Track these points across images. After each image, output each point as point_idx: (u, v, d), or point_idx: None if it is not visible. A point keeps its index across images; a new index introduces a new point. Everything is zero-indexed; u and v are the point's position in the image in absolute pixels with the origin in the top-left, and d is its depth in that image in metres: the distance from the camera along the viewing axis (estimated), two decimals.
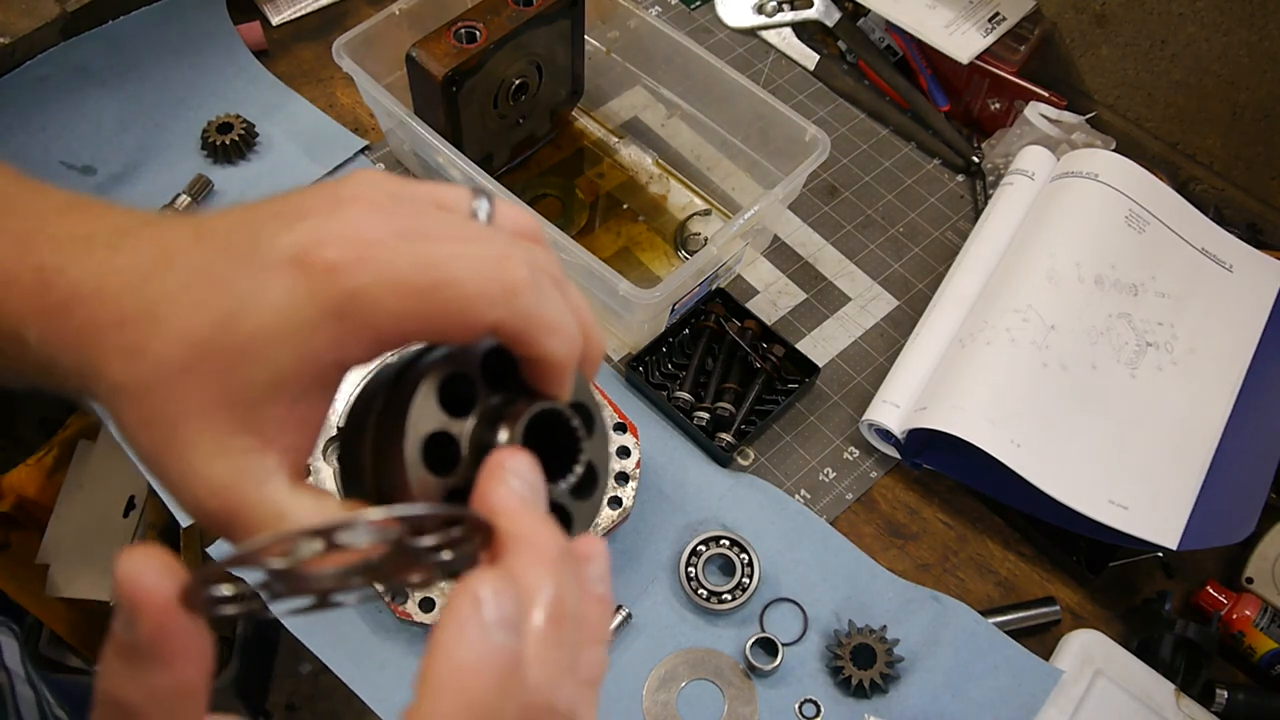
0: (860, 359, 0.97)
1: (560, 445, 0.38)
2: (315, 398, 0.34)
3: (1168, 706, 0.77)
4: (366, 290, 0.32)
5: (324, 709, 1.62)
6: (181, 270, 0.33)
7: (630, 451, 0.83)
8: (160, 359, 0.32)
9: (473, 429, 0.36)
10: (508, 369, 0.38)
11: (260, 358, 0.32)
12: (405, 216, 0.34)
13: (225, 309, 0.32)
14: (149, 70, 1.08)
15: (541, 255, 0.37)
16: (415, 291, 0.32)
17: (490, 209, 0.38)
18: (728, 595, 0.81)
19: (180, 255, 0.33)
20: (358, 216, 0.33)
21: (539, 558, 0.31)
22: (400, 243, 0.33)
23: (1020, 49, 1.10)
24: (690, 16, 1.22)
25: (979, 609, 0.82)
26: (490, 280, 0.33)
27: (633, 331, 0.94)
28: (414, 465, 0.34)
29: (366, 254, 0.32)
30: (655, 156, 1.09)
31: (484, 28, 0.91)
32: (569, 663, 0.31)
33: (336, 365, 0.33)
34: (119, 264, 0.33)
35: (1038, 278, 0.90)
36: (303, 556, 0.29)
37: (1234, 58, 0.99)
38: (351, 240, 0.32)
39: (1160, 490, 0.83)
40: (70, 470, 1.33)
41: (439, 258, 0.33)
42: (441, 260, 0.33)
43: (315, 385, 0.33)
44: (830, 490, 0.90)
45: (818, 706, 0.79)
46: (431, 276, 0.32)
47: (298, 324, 0.32)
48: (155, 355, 0.32)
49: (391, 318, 0.32)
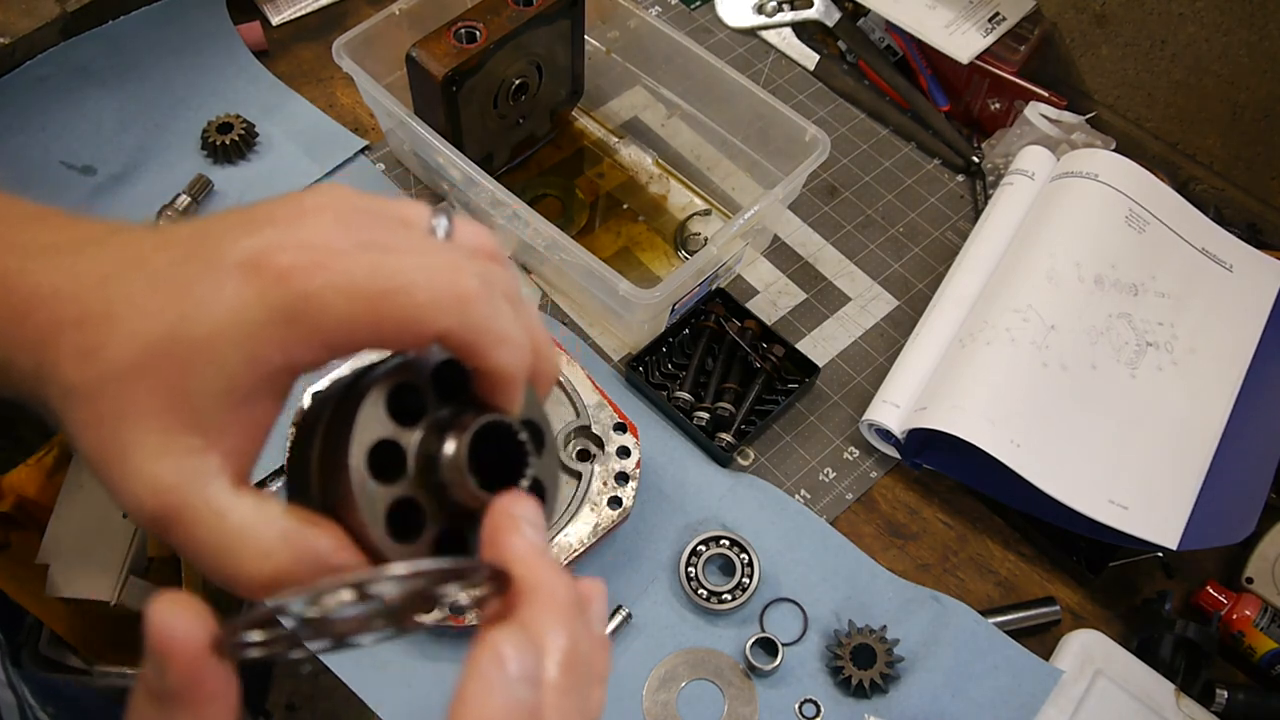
0: (860, 359, 0.97)
1: (508, 460, 0.38)
2: (264, 401, 0.34)
3: (1168, 706, 0.77)
4: (317, 294, 0.32)
5: (324, 709, 1.62)
6: (143, 275, 0.33)
7: (630, 451, 0.83)
8: (113, 359, 0.32)
9: (420, 439, 0.37)
10: (459, 382, 0.38)
11: (211, 359, 0.32)
12: (366, 229, 0.35)
13: (181, 312, 0.32)
14: (149, 70, 1.08)
15: (498, 272, 0.37)
16: (366, 297, 0.33)
17: (449, 226, 0.38)
18: (728, 595, 0.81)
19: (143, 261, 0.34)
20: (319, 226, 0.34)
21: (554, 607, 0.33)
22: (357, 252, 0.33)
23: (1020, 49, 1.10)
24: (690, 16, 1.22)
25: (979, 609, 0.82)
26: (441, 289, 0.33)
27: (633, 331, 0.94)
28: (358, 471, 0.34)
29: (322, 261, 0.33)
30: (655, 156, 1.09)
31: (484, 28, 0.91)
32: (580, 706, 0.33)
33: (286, 369, 0.33)
34: (81, 269, 0.34)
35: (1038, 277, 0.90)
36: (332, 606, 0.29)
37: (1234, 58, 0.99)
38: (309, 247, 0.33)
39: (1160, 490, 0.83)
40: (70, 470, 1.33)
41: (393, 267, 0.33)
42: (395, 269, 0.33)
43: (264, 389, 0.33)
44: (830, 490, 0.90)
45: (818, 706, 0.79)
46: (383, 284, 0.33)
47: (248, 326, 0.32)
48: (109, 356, 0.32)
49: (341, 322, 0.33)
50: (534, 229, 0.87)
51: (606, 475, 0.82)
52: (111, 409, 0.32)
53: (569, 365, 0.86)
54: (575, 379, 0.86)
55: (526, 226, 0.88)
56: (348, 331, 0.33)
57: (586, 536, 0.79)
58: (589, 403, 0.85)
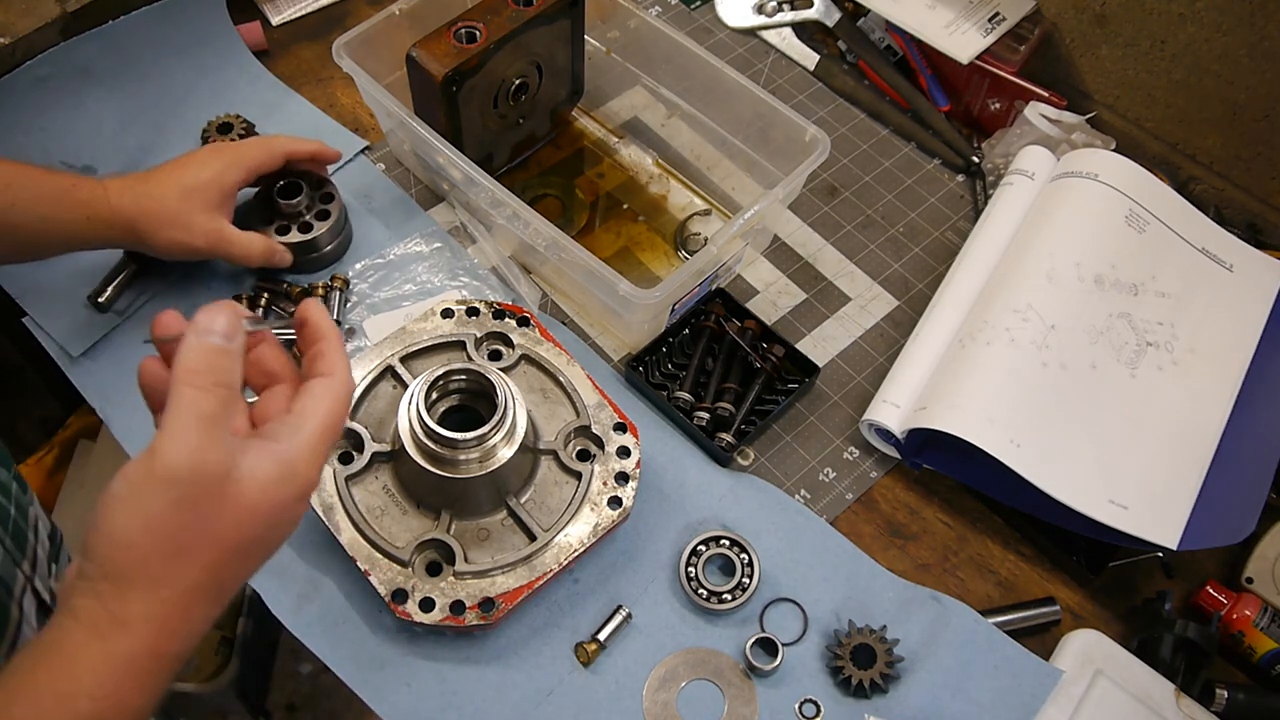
0: (860, 359, 0.97)
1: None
2: (232, 199, 0.90)
3: (1168, 706, 0.77)
4: (249, 155, 0.91)
5: (324, 709, 1.62)
6: (160, 174, 0.88)
7: (630, 451, 0.83)
8: (168, 196, 0.87)
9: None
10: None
11: (214, 186, 0.88)
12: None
13: (191, 174, 0.88)
14: (149, 70, 1.09)
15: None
16: (266, 149, 0.93)
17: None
18: (728, 595, 0.81)
19: (155, 171, 0.89)
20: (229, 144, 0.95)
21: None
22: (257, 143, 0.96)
23: (1020, 49, 1.10)
24: (690, 16, 1.22)
25: (979, 609, 0.82)
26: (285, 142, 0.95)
27: (633, 331, 0.94)
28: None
29: (239, 145, 0.93)
30: (655, 156, 1.09)
31: (484, 28, 0.91)
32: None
33: (236, 185, 0.90)
34: (132, 187, 0.87)
35: (1038, 278, 0.90)
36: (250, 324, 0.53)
37: (1234, 58, 0.99)
38: (234, 145, 0.93)
39: (1160, 490, 0.83)
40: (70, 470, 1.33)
41: (271, 142, 0.94)
42: (271, 143, 0.94)
43: (231, 193, 0.89)
44: (830, 490, 0.90)
45: (818, 706, 0.79)
46: (267, 144, 0.93)
47: (224, 174, 0.89)
48: (165, 194, 0.87)
49: (258, 162, 0.92)
50: (534, 229, 0.87)
51: (606, 475, 0.82)
52: (177, 211, 0.86)
53: (569, 365, 0.87)
54: (575, 379, 0.86)
55: (526, 226, 0.88)
56: (259, 166, 0.91)
57: (586, 536, 0.79)
58: (589, 403, 0.85)
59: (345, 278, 0.97)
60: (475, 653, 0.79)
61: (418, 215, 1.03)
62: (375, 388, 0.85)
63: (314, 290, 0.95)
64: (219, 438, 0.47)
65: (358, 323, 0.96)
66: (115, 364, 0.91)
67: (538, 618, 0.81)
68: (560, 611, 0.81)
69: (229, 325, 0.48)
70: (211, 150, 0.90)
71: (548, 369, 0.86)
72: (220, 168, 0.88)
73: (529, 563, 0.77)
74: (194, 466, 0.46)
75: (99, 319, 0.93)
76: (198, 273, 0.97)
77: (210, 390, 0.47)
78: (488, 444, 0.75)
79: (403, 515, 0.79)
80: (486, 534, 0.79)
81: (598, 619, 0.81)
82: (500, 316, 0.89)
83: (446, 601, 0.75)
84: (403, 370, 0.85)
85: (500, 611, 0.75)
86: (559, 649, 0.80)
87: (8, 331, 1.18)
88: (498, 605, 0.75)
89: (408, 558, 0.77)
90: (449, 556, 0.77)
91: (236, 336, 0.49)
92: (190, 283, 0.96)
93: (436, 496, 0.79)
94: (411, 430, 0.76)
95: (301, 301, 0.57)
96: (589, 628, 0.81)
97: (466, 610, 0.75)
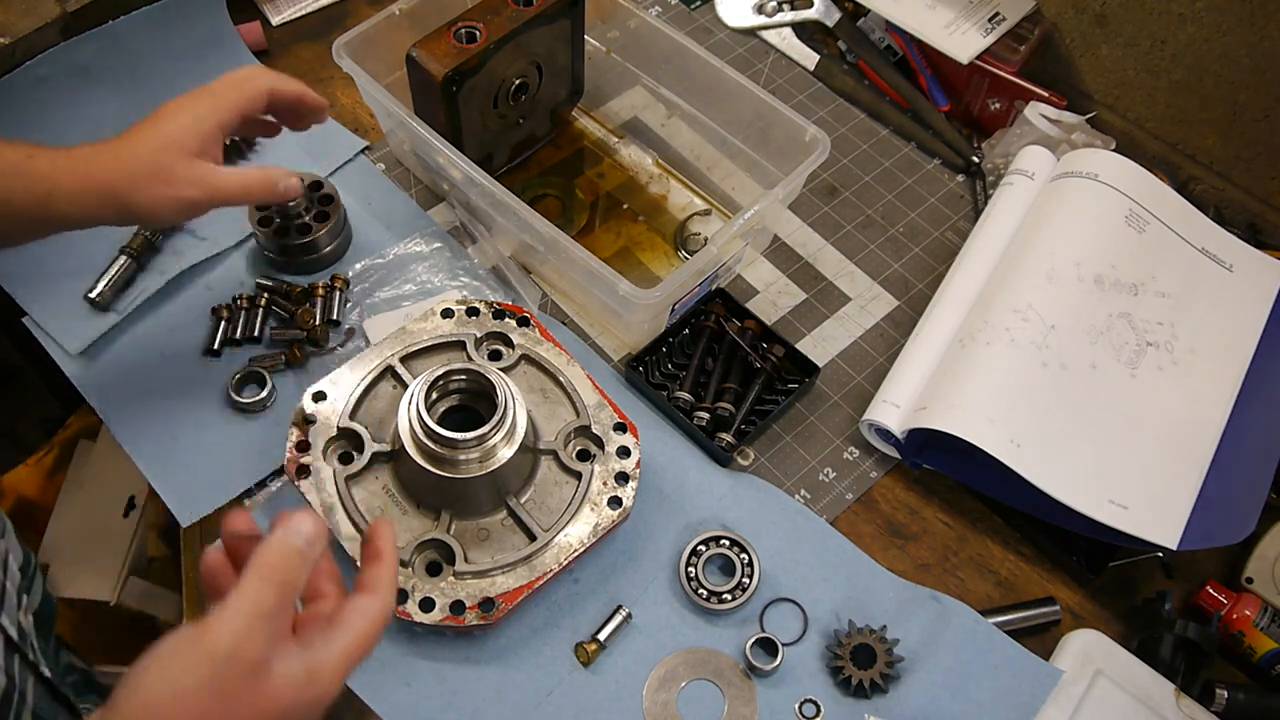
0: (860, 359, 0.97)
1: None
2: (218, 142, 0.79)
3: (1168, 706, 0.77)
4: (232, 99, 0.80)
5: None
6: (135, 131, 0.79)
7: (630, 451, 0.83)
8: (148, 150, 0.76)
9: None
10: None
11: (196, 133, 0.78)
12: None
13: (171, 124, 0.79)
14: (149, 70, 1.08)
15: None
16: (244, 92, 0.81)
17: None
18: (728, 595, 0.81)
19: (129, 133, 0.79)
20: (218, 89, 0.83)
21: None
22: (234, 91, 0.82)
23: (1020, 49, 1.10)
24: (690, 16, 1.22)
25: (979, 609, 0.82)
26: (263, 81, 0.83)
27: (633, 331, 0.94)
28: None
29: (222, 81, 0.82)
30: (655, 156, 1.09)
31: (484, 28, 0.91)
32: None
33: (218, 128, 0.79)
34: (115, 150, 0.77)
35: (1037, 277, 0.90)
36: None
37: (1234, 58, 0.99)
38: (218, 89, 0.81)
39: (1160, 490, 0.83)
40: (70, 470, 1.33)
41: (253, 78, 0.83)
42: (254, 79, 0.83)
43: (213, 136, 0.79)
44: (830, 490, 0.90)
45: (818, 706, 0.79)
46: (243, 83, 0.82)
47: (203, 119, 0.79)
48: (145, 151, 0.76)
49: (242, 109, 0.80)
50: (534, 229, 0.87)
51: (606, 475, 0.82)
52: (157, 165, 0.76)
53: (569, 365, 0.86)
54: (575, 379, 0.86)
55: (526, 226, 0.88)
56: (237, 103, 0.80)
57: (586, 536, 0.79)
58: (589, 403, 0.85)
59: (345, 278, 0.97)
60: (475, 653, 0.79)
61: (418, 215, 1.03)
62: (375, 388, 0.85)
63: (314, 291, 0.95)
64: (265, 631, 0.50)
65: (358, 323, 0.95)
66: (115, 363, 0.91)
67: (538, 618, 0.81)
68: (560, 611, 0.81)
69: (314, 533, 0.53)
70: (186, 96, 0.81)
71: (548, 369, 0.86)
72: (199, 111, 0.79)
73: (529, 563, 0.77)
74: (233, 650, 0.48)
75: (98, 318, 0.93)
76: (198, 272, 0.97)
77: (276, 586, 0.50)
78: (488, 444, 0.75)
79: (403, 515, 0.79)
80: (486, 534, 0.79)
81: (598, 619, 0.81)
82: (500, 316, 0.89)
83: (446, 601, 0.75)
84: (403, 370, 0.85)
85: (500, 611, 0.75)
86: (559, 649, 0.80)
87: (8, 331, 1.18)
88: (498, 605, 0.75)
89: (408, 558, 0.76)
90: (449, 556, 0.77)
91: (317, 544, 0.53)
92: (190, 282, 0.96)
93: (436, 496, 0.79)
94: (411, 430, 0.76)
95: (377, 521, 0.61)
96: (589, 628, 0.81)
97: (466, 610, 0.75)
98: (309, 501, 0.79)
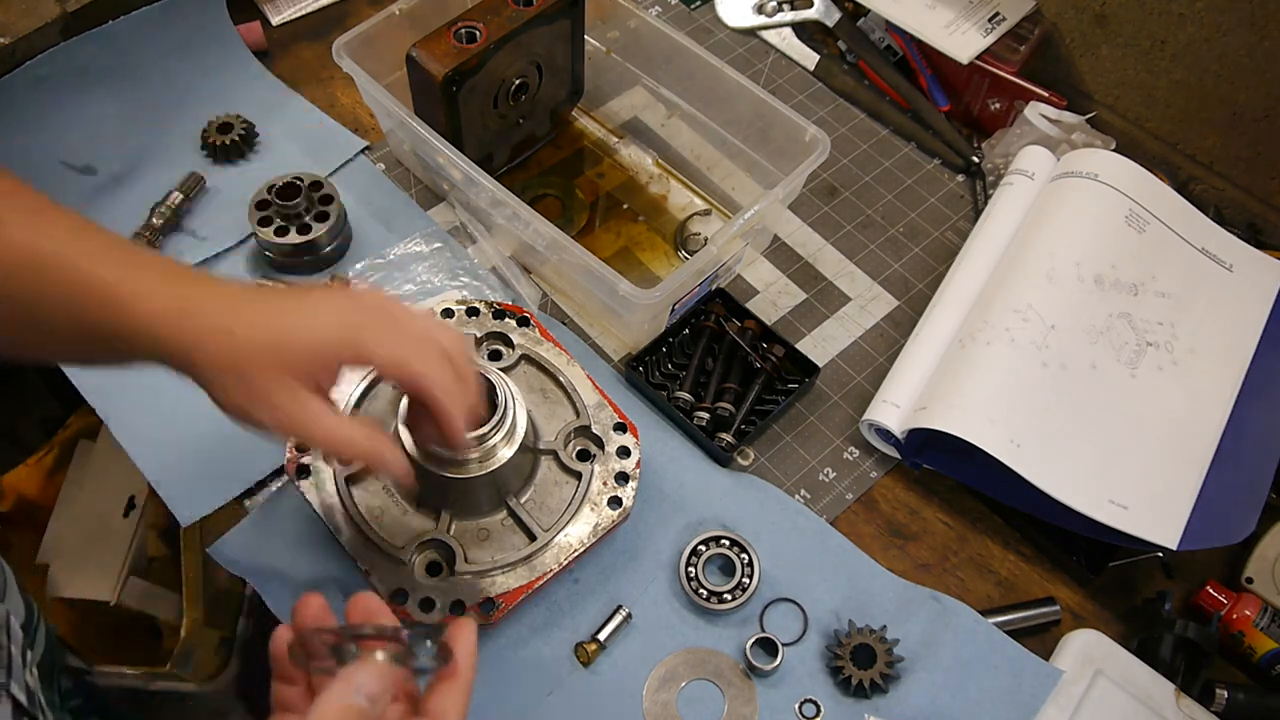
0: (860, 359, 0.97)
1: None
2: (334, 374, 0.62)
3: (1168, 706, 0.77)
4: (369, 350, 0.62)
5: None
6: (251, 299, 0.61)
7: (630, 451, 0.83)
8: (244, 343, 0.59)
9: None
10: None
11: (310, 351, 0.60)
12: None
13: (289, 324, 0.60)
14: (149, 70, 1.08)
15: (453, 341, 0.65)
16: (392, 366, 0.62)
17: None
18: (728, 595, 0.81)
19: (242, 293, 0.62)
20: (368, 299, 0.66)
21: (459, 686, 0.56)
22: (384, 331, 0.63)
23: (1020, 49, 1.10)
24: (690, 16, 1.22)
25: (979, 609, 0.82)
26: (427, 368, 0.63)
27: (633, 331, 0.94)
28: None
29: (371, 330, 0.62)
30: (655, 156, 1.09)
31: (484, 28, 0.91)
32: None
33: (347, 363, 0.62)
34: (208, 293, 0.60)
35: (1037, 277, 0.90)
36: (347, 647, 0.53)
37: (1234, 58, 0.99)
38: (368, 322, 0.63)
39: (1160, 490, 0.83)
40: (70, 470, 1.33)
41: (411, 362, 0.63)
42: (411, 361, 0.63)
43: (336, 371, 0.62)
44: (830, 490, 0.90)
45: (818, 706, 0.79)
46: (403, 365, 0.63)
47: (327, 343, 0.61)
48: (239, 342, 0.59)
49: (371, 365, 0.62)
50: (534, 229, 0.87)
51: (606, 475, 0.82)
52: (252, 372, 0.58)
53: (569, 365, 0.86)
54: (575, 379, 0.86)
55: (526, 226, 0.88)
56: (376, 369, 0.63)
57: (586, 536, 0.79)
58: (589, 403, 0.85)
59: (345, 278, 0.97)
60: None
61: (418, 215, 1.03)
62: (375, 388, 0.85)
63: None
64: None
65: None
66: None
67: (538, 618, 0.81)
68: (560, 611, 0.81)
69: (378, 689, 0.50)
70: (335, 299, 0.63)
71: (548, 369, 0.86)
72: (336, 334, 0.60)
73: (529, 563, 0.77)
74: None
75: None
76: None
77: None
78: (488, 444, 0.75)
79: (403, 515, 0.79)
80: (486, 534, 0.79)
81: (598, 619, 0.81)
82: (500, 316, 0.89)
83: (446, 601, 0.75)
84: None
85: (500, 611, 0.75)
86: (559, 649, 0.80)
87: None
88: (498, 605, 0.75)
89: (408, 558, 0.77)
90: (449, 556, 0.77)
91: (380, 701, 0.50)
92: None
93: (436, 496, 0.79)
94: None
95: (461, 623, 0.56)
96: (589, 628, 0.81)
97: (466, 610, 0.75)
98: (309, 501, 0.79)
